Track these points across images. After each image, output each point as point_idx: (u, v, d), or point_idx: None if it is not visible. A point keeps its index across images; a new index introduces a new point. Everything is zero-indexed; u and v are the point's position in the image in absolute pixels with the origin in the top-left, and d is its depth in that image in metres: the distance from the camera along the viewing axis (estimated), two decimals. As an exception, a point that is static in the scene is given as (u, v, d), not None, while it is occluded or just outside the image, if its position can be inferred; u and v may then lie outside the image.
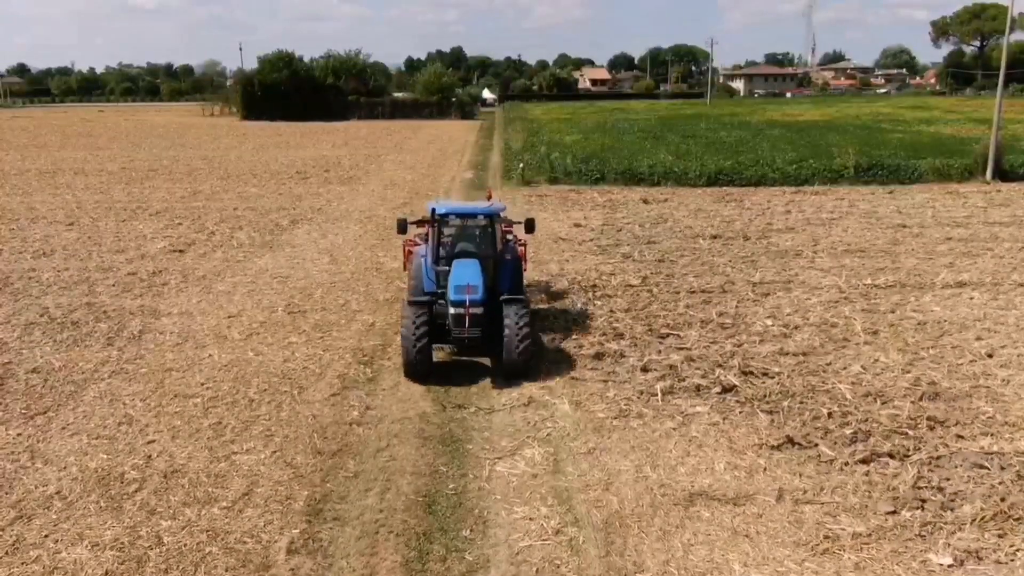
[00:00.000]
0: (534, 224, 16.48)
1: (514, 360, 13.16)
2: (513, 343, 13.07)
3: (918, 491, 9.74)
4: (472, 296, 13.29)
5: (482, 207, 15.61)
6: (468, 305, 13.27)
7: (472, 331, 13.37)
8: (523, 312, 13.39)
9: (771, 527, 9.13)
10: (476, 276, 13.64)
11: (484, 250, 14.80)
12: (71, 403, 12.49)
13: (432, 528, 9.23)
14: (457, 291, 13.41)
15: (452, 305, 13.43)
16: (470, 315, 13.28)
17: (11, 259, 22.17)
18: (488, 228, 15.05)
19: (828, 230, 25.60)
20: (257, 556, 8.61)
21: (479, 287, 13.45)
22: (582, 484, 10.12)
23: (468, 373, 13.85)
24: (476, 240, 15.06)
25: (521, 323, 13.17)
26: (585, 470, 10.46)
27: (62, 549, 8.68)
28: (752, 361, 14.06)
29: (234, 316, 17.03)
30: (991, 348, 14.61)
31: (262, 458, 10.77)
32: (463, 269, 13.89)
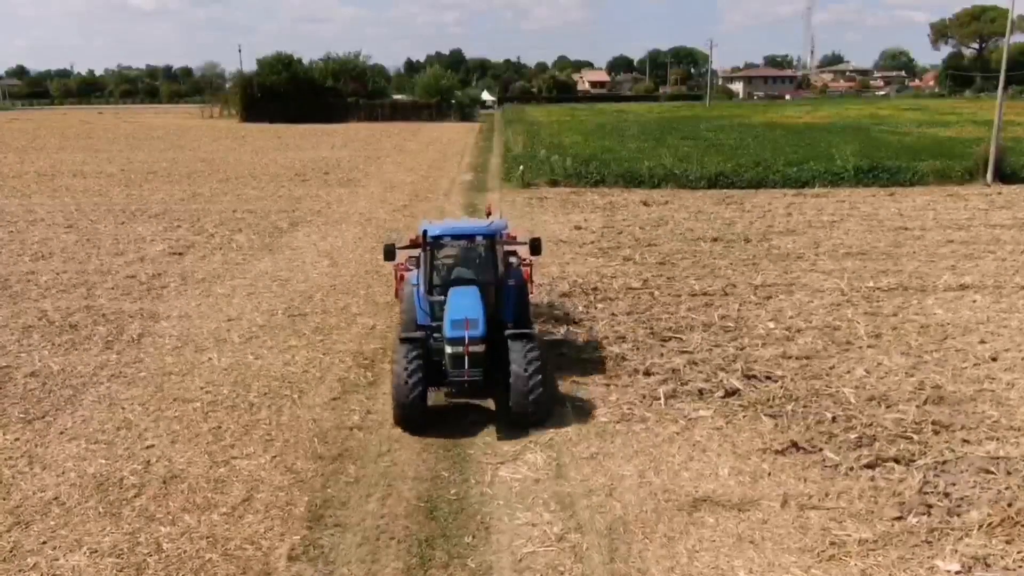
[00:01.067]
0: (540, 244, 14.52)
1: (523, 407, 11.45)
2: (522, 387, 11.36)
3: (924, 496, 9.65)
4: (472, 332, 11.57)
5: (481, 227, 13.54)
6: (467, 343, 11.55)
7: (473, 372, 11.64)
8: (532, 349, 11.63)
9: (776, 533, 9.05)
10: (475, 307, 11.95)
11: (484, 275, 13.04)
12: (69, 407, 12.40)
13: (434, 534, 9.15)
14: (454, 326, 11.69)
15: (449, 343, 11.71)
16: (470, 354, 11.58)
17: (9, 261, 22.08)
18: (489, 250, 13.26)
19: (829, 233, 25.53)
20: (257, 563, 8.52)
21: (479, 321, 11.74)
22: (585, 489, 10.03)
23: (469, 420, 12.05)
24: (475, 264, 13.36)
25: (530, 363, 11.45)
26: (588, 475, 10.37)
27: (60, 556, 8.59)
28: (755, 365, 13.98)
29: (234, 319, 16.94)
30: (995, 351, 14.54)
31: (262, 463, 10.68)
32: (460, 299, 12.22)
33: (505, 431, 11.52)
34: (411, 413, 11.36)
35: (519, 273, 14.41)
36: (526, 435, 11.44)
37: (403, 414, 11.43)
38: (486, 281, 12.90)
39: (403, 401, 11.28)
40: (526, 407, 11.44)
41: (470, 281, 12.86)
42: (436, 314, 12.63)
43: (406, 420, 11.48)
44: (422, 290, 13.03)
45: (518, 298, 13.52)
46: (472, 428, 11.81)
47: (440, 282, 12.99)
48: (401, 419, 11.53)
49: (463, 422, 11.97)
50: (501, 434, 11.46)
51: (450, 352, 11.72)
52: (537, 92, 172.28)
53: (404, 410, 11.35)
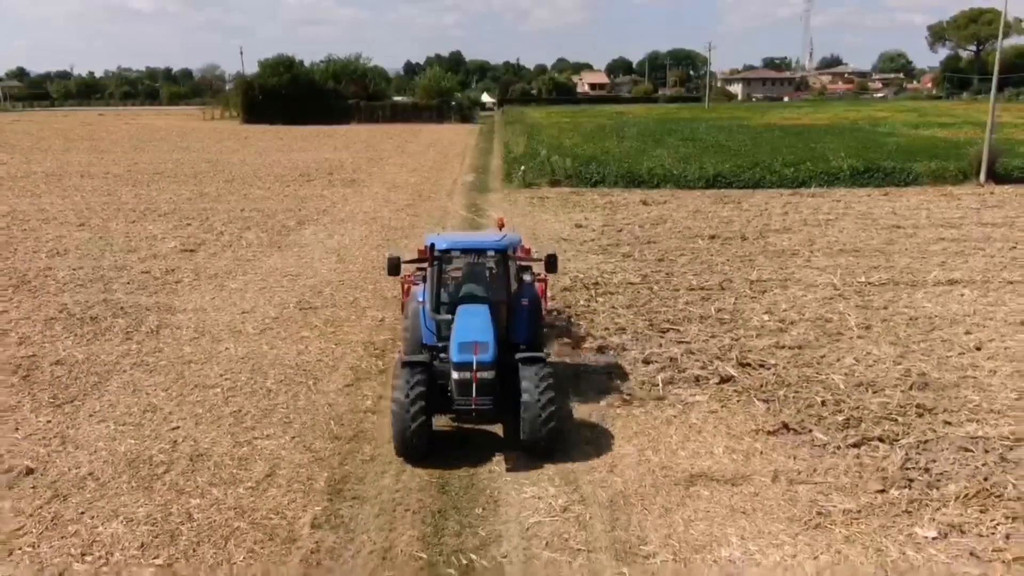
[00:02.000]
0: (556, 261, 13.74)
1: (536, 437, 10.64)
2: (534, 416, 10.56)
3: (906, 472, 10.28)
4: (481, 356, 10.69)
5: (492, 240, 12.54)
6: (475, 368, 10.67)
7: (481, 401, 10.74)
8: (544, 375, 10.79)
9: (767, 505, 9.67)
10: (485, 329, 11.10)
11: (495, 293, 12.24)
12: (96, 393, 13.02)
13: (446, 506, 9.76)
14: (461, 350, 10.81)
15: (455, 368, 10.81)
16: (478, 381, 10.69)
17: (26, 258, 22.69)
18: (500, 266, 12.46)
19: (824, 231, 26.17)
20: (283, 531, 9.14)
21: (489, 344, 10.86)
22: (588, 467, 10.65)
23: (475, 449, 11.26)
24: (485, 281, 12.54)
25: (543, 391, 10.65)
26: (590, 454, 10.98)
27: (99, 524, 9.20)
28: (749, 354, 14.61)
29: (247, 312, 17.56)
30: (979, 341, 15.17)
31: (282, 443, 11.30)
32: (469, 319, 11.39)
33: (515, 463, 10.77)
34: (413, 444, 10.55)
35: (533, 290, 13.43)
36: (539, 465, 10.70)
37: (404, 445, 10.60)
38: (497, 300, 12.09)
39: (404, 431, 10.44)
40: (539, 437, 10.62)
41: (480, 299, 12.08)
42: (443, 334, 11.84)
43: (408, 451, 10.68)
44: (428, 308, 12.17)
45: (531, 318, 12.54)
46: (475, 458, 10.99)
47: (448, 299, 12.21)
48: (402, 450, 10.72)
49: (469, 448, 11.27)
50: (510, 465, 10.71)
51: (457, 378, 10.83)
52: (536, 94, 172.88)
53: (405, 441, 10.53)
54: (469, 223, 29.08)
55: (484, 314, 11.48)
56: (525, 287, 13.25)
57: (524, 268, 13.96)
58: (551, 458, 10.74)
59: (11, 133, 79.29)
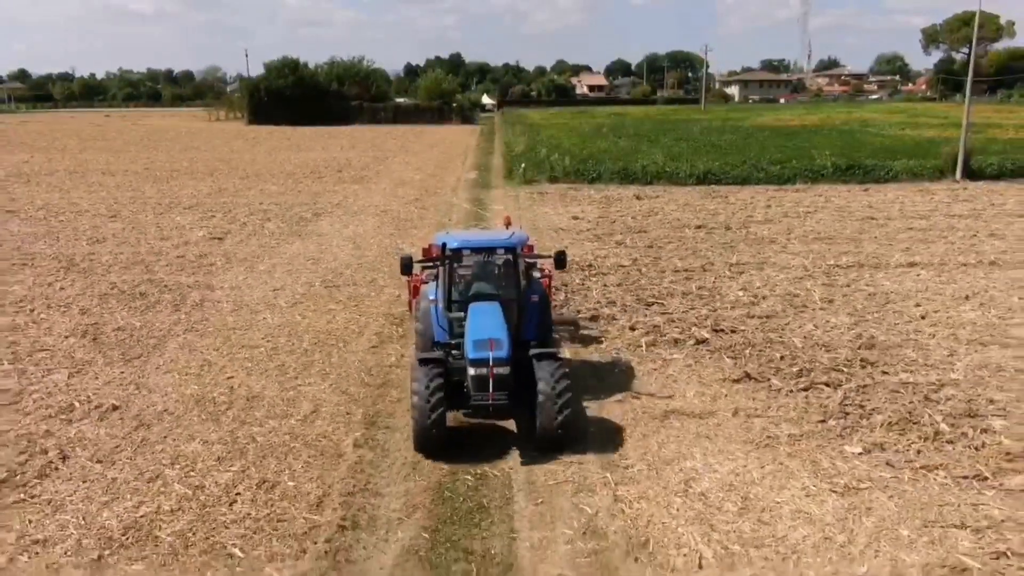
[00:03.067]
0: (565, 258, 13.87)
1: (552, 431, 10.88)
2: (550, 412, 10.79)
3: (844, 408, 12.39)
4: (496, 353, 10.93)
5: (502, 239, 12.94)
6: (491, 364, 10.92)
7: (498, 396, 10.98)
8: (559, 370, 11.09)
9: (727, 432, 11.76)
10: (499, 326, 11.36)
11: (506, 291, 12.53)
12: (157, 351, 15.11)
13: (462, 432, 11.81)
14: (477, 347, 11.04)
15: (472, 365, 11.03)
16: (494, 376, 10.94)
17: (69, 245, 24.76)
18: (511, 264, 12.74)
19: (802, 222, 28.27)
20: (331, 449, 11.22)
21: (503, 340, 11.10)
22: (580, 408, 12.70)
23: (490, 442, 11.58)
24: (496, 279, 12.75)
25: (558, 385, 10.89)
26: (582, 398, 13.05)
27: (180, 444, 11.28)
28: (723, 321, 16.72)
29: (278, 289, 19.65)
30: (925, 312, 17.28)
31: (322, 388, 13.39)
32: (482, 317, 11.64)
33: (529, 456, 11.07)
34: (432, 438, 10.85)
35: (540, 287, 13.72)
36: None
37: (424, 439, 10.89)
38: (508, 297, 12.39)
39: (424, 426, 10.73)
40: (555, 430, 10.87)
41: (491, 296, 12.33)
42: (455, 331, 12.17)
43: (426, 445, 10.96)
44: (440, 306, 12.46)
45: (541, 314, 12.89)
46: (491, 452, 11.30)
47: (459, 298, 12.47)
48: (422, 445, 10.99)
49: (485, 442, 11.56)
50: (525, 459, 11.02)
51: (473, 374, 11.03)
52: (536, 96, 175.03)
53: (425, 435, 10.83)
54: (474, 216, 31.13)
55: (496, 311, 11.73)
56: (533, 284, 13.44)
57: (531, 265, 14.03)
58: (565, 448, 11.03)
59: (24, 134, 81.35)
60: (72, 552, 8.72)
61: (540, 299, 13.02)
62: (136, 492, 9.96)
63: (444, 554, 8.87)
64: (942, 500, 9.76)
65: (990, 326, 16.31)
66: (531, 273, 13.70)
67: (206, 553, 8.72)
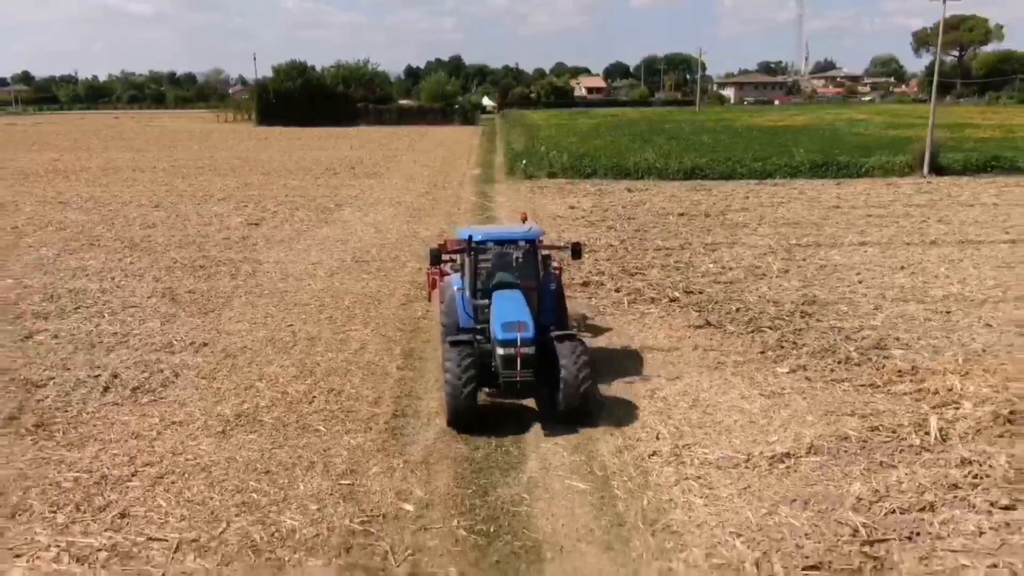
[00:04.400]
0: (581, 249, 14.99)
1: (575, 406, 12.06)
2: (573, 385, 11.90)
3: (780, 343, 15.71)
4: (523, 334, 11.96)
5: (522, 232, 14.21)
6: (519, 345, 11.93)
7: (525, 374, 11.99)
8: (580, 350, 12.22)
9: (685, 359, 15.07)
10: (523, 310, 12.46)
11: (526, 279, 13.60)
12: (226, 308, 18.42)
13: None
14: (506, 329, 12.06)
15: (501, 345, 12.04)
16: (522, 356, 11.93)
17: (124, 229, 28.06)
18: (530, 254, 13.88)
19: (774, 210, 31.59)
20: (379, 370, 14.53)
21: (529, 323, 12.15)
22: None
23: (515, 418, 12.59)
24: (517, 269, 13.83)
25: (580, 364, 12.00)
26: (574, 337, 16.32)
27: (263, 368, 14.59)
28: (693, 286, 20.05)
29: (316, 263, 22.96)
30: (863, 278, 20.60)
31: (366, 333, 16.70)
32: (507, 303, 12.70)
33: (552, 427, 12.17)
34: (465, 414, 11.87)
35: (556, 276, 15.05)
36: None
37: (457, 415, 11.89)
38: (528, 285, 13.42)
39: (458, 402, 11.71)
40: (577, 403, 11.99)
41: (513, 285, 13.32)
42: (479, 317, 13.24)
43: (459, 420, 11.95)
44: (467, 294, 13.52)
45: (557, 301, 14.12)
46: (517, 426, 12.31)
47: (483, 286, 13.48)
48: (455, 420, 11.98)
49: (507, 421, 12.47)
50: (547, 431, 12.12)
51: (502, 354, 12.00)
52: (535, 98, 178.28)
53: (459, 411, 11.82)
54: (480, 207, 34.42)
55: (519, 297, 12.80)
56: (550, 273, 14.75)
57: (548, 256, 15.31)
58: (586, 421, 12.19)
59: (43, 134, 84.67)
60: (201, 429, 12.03)
61: (557, 287, 14.42)
62: (237, 395, 13.28)
63: (471, 437, 12.05)
64: (842, 400, 13.07)
65: (915, 288, 19.65)
66: (548, 263, 15.13)
67: (299, 430, 12.03)
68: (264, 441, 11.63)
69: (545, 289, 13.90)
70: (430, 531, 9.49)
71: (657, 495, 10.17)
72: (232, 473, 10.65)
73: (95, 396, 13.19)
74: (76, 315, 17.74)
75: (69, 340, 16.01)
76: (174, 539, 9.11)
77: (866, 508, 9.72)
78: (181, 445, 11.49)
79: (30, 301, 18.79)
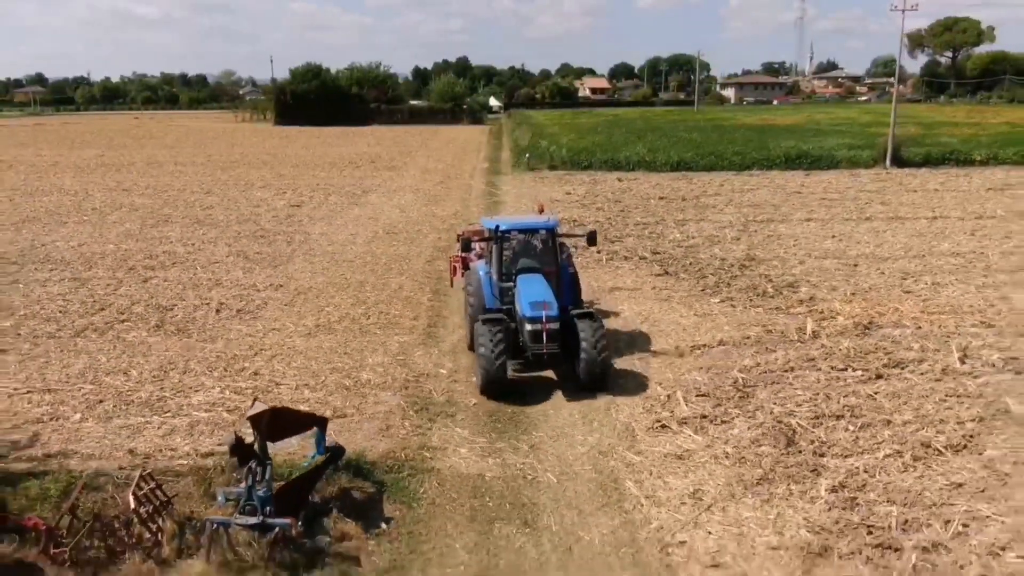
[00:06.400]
0: (596, 237, 16.61)
1: (596, 375, 13.55)
2: (593, 357, 13.39)
3: (717, 284, 20.68)
4: (548, 312, 13.41)
5: (543, 221, 15.83)
6: (545, 321, 13.38)
7: (551, 346, 13.42)
8: (598, 326, 13.72)
9: (644, 295, 20.05)
10: (547, 291, 13.87)
11: (547, 264, 15.01)
12: (289, 263, 23.45)
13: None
14: (532, 307, 13.48)
15: (528, 322, 13.45)
16: (548, 331, 13.34)
17: (187, 210, 33.13)
18: (549, 242, 15.32)
19: (743, 196, 36.50)
20: (415, 300, 19.56)
21: (553, 303, 13.59)
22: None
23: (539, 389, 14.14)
24: (538, 255, 15.30)
25: (599, 337, 13.48)
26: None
27: (327, 299, 19.60)
28: (659, 249, 25.01)
29: (354, 234, 28.00)
30: (798, 243, 25.51)
31: (401, 280, 21.70)
32: (531, 285, 14.08)
33: (572, 394, 13.78)
34: (497, 382, 13.32)
35: (572, 262, 16.57)
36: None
37: (490, 383, 13.32)
38: (549, 269, 14.88)
39: (491, 372, 13.16)
40: (596, 373, 13.54)
41: (535, 269, 14.79)
42: (504, 299, 14.75)
43: (492, 388, 13.39)
44: (494, 277, 15.03)
45: (573, 284, 15.64)
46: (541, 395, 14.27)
47: (507, 270, 14.99)
48: (487, 388, 13.41)
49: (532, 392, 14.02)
50: (568, 397, 13.73)
51: (530, 329, 13.46)
52: (541, 98, 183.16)
53: (491, 380, 13.25)
54: (488, 195, 39.34)
55: (542, 280, 14.31)
56: (567, 258, 16.25)
57: (564, 243, 16.78)
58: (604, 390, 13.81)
59: (76, 133, 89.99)
60: (293, 333, 17.05)
61: (572, 270, 16.04)
62: (313, 315, 18.32)
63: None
64: (753, 318, 18.01)
65: (837, 250, 24.57)
66: (566, 249, 16.70)
67: (362, 333, 17.05)
68: (339, 338, 16.68)
69: (563, 272, 15.38)
70: (457, 382, 14.50)
71: (616, 372, 15.11)
72: (321, 355, 15.68)
73: (212, 314, 18.28)
74: (175, 268, 22.83)
75: (177, 283, 21.11)
76: (293, 383, 14.12)
77: (747, 371, 14.66)
78: (281, 342, 16.51)
79: (134, 260, 23.87)
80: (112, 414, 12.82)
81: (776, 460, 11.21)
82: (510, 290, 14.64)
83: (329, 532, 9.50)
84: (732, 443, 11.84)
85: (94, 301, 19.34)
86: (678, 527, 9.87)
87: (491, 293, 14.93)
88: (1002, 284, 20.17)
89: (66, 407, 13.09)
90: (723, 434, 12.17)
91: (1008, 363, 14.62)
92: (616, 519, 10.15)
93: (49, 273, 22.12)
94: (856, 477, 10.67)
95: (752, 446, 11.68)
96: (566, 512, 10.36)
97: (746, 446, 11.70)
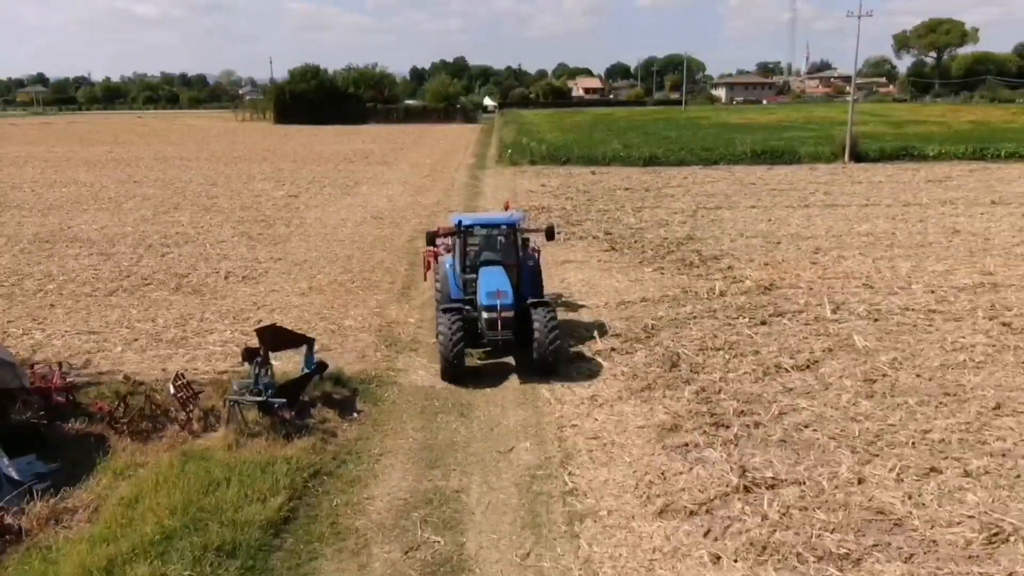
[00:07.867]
0: (555, 231, 17.78)
1: (545, 359, 14.34)
2: (544, 343, 14.18)
3: (656, 259, 24.11)
4: (503, 301, 14.24)
5: (503, 217, 16.93)
6: (500, 309, 14.21)
7: (505, 333, 14.31)
8: (550, 314, 14.48)
9: (592, 267, 23.48)
10: (504, 282, 14.72)
11: (508, 257, 15.94)
12: (287, 242, 26.86)
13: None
14: (489, 296, 14.34)
15: (485, 310, 14.29)
16: (502, 318, 14.18)
17: (195, 199, 36.54)
18: (510, 237, 16.23)
19: (702, 187, 39.92)
20: (393, 270, 23.02)
21: (509, 292, 14.41)
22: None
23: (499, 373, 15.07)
24: (500, 248, 16.20)
25: (550, 325, 14.21)
26: (522, 256, 24.72)
27: (320, 269, 22.99)
28: (613, 232, 28.44)
29: (345, 219, 31.42)
30: (743, 229, 28.88)
31: (384, 255, 25.12)
32: (491, 276, 14.93)
33: (526, 377, 14.82)
34: (455, 367, 14.19)
35: (534, 256, 17.40)
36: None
37: (448, 368, 14.23)
38: (509, 262, 15.82)
39: (448, 357, 14.05)
40: (547, 358, 14.39)
41: (496, 262, 15.70)
42: (468, 289, 15.61)
43: (450, 372, 14.29)
44: (457, 269, 15.97)
45: (535, 276, 16.52)
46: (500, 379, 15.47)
47: (471, 263, 15.89)
48: (446, 372, 14.32)
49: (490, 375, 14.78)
50: (523, 379, 14.79)
51: (486, 317, 14.35)
52: (534, 98, 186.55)
53: (449, 365, 14.17)
54: (470, 187, 42.74)
55: (501, 272, 15.25)
56: (528, 252, 17.24)
57: (527, 238, 17.89)
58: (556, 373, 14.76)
59: (83, 132, 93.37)
60: (290, 294, 20.45)
61: (535, 264, 17.03)
62: (307, 281, 21.72)
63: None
64: (677, 283, 21.42)
65: (767, 232, 27.99)
66: (527, 244, 17.59)
67: (347, 293, 20.46)
68: (328, 297, 20.12)
69: (524, 266, 16.35)
70: (422, 329, 17.94)
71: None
72: (313, 309, 19.09)
73: (221, 280, 21.71)
74: (187, 246, 26.26)
75: (190, 256, 24.55)
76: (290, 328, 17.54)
77: (659, 318, 18.07)
78: (280, 300, 19.92)
79: (151, 239, 27.29)
80: (146, 347, 16.24)
81: (659, 376, 14.62)
82: (473, 281, 15.64)
83: (314, 416, 12.93)
84: (629, 366, 15.27)
85: (120, 271, 22.77)
86: (575, 417, 13.30)
87: (456, 284, 16.00)
88: (896, 257, 23.62)
89: (108, 343, 16.51)
90: (625, 360, 15.60)
91: (871, 313, 18.05)
92: (529, 412, 13.59)
93: (79, 249, 25.57)
94: (715, 385, 14.09)
95: (644, 367, 15.10)
96: (492, 408, 13.80)
97: (639, 367, 15.12)
